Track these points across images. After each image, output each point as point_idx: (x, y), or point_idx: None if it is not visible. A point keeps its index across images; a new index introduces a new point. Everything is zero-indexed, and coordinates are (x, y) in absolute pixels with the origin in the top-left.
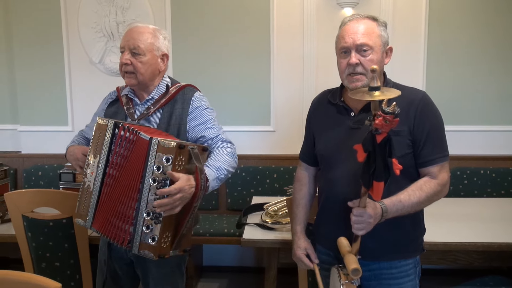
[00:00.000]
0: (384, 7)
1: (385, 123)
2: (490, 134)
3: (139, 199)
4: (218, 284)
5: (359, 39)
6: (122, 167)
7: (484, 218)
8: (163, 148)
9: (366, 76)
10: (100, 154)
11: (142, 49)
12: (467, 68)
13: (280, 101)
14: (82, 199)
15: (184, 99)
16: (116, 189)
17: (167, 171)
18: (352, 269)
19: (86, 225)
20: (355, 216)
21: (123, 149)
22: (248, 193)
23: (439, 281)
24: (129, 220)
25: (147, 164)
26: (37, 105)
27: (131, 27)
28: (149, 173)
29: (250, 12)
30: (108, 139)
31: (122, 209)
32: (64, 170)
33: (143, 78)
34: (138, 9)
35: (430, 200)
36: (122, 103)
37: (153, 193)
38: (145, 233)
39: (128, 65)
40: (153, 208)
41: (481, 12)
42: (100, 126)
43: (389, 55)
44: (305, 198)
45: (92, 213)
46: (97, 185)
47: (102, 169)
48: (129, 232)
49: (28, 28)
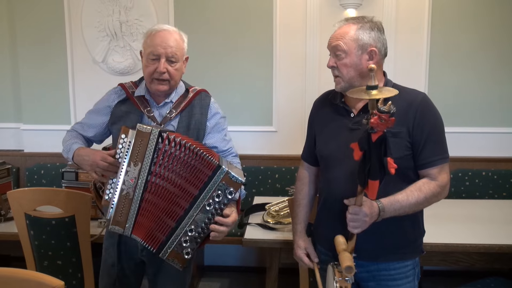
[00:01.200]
0: (387, 8)
1: (380, 122)
2: (492, 136)
3: (186, 214)
4: (220, 284)
5: (333, 43)
6: (169, 179)
7: (485, 220)
8: (229, 180)
9: (342, 79)
10: (141, 162)
11: (178, 56)
12: (470, 70)
13: (282, 101)
14: (119, 207)
15: (202, 105)
16: (161, 199)
17: (224, 202)
18: (346, 267)
19: (125, 233)
20: (351, 214)
21: (171, 161)
22: (249, 193)
23: (440, 282)
24: (168, 229)
25: (207, 188)
26: (40, 104)
27: (161, 32)
28: (206, 196)
29: (253, 12)
30: (152, 148)
31: (165, 219)
32: (67, 169)
33: (175, 83)
34: (142, 8)
35: (429, 202)
36: (137, 104)
37: (205, 216)
38: (183, 246)
39: (165, 73)
40: (202, 227)
41: (484, 14)
42: (142, 133)
43: (375, 57)
44: (306, 198)
45: (132, 221)
46: (139, 193)
47: (145, 178)
48: (162, 239)
49: (31, 27)
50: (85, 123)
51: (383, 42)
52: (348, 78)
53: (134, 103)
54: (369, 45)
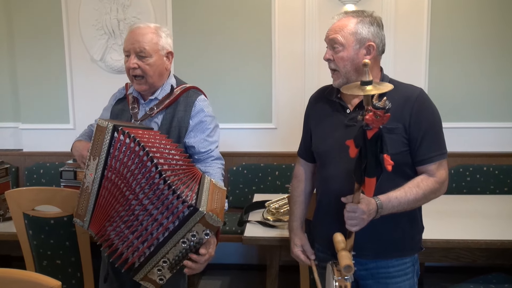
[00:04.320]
0: (386, 3)
1: (375, 119)
2: (493, 131)
3: (165, 242)
4: (220, 282)
5: (330, 36)
6: (122, 175)
7: (487, 216)
8: (207, 223)
9: (340, 74)
10: (98, 156)
11: (148, 51)
12: (470, 64)
13: (282, 98)
14: (81, 200)
15: (187, 102)
16: (113, 194)
17: (202, 241)
18: (345, 266)
19: (84, 226)
20: (348, 212)
21: (122, 155)
22: (249, 190)
23: (441, 278)
24: (123, 236)
25: (181, 229)
26: (38, 103)
27: (132, 29)
28: (180, 235)
29: (252, 9)
30: (107, 142)
31: (119, 222)
32: (65, 168)
33: (153, 80)
34: (139, 6)
35: (427, 198)
36: (129, 102)
37: (179, 249)
38: (157, 273)
39: (136, 69)
40: (177, 259)
41: (484, 8)
42: (100, 128)
43: (372, 52)
44: (302, 195)
45: (89, 215)
46: (95, 188)
47: (100, 172)
48: (116, 243)
49: (29, 26)
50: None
51: (382, 38)
52: (345, 72)
53: (127, 101)
54: (367, 39)
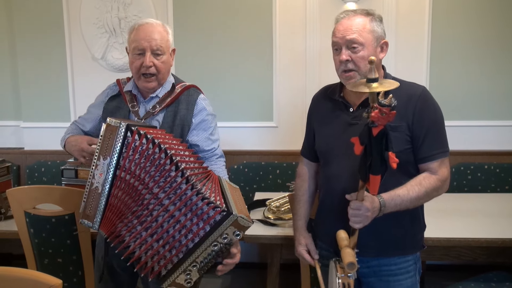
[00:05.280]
0: (387, 2)
1: (381, 116)
2: (494, 129)
3: (195, 249)
4: (222, 280)
5: (349, 36)
6: (139, 177)
7: (488, 214)
8: (238, 225)
9: (358, 73)
10: (110, 156)
11: (163, 49)
12: (471, 63)
13: (283, 96)
14: (89, 200)
15: (189, 100)
16: (129, 195)
17: (232, 242)
18: (348, 263)
19: (93, 227)
20: (352, 209)
21: (138, 156)
22: (250, 189)
23: (442, 277)
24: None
25: (213, 234)
26: (39, 102)
27: (143, 26)
28: (211, 240)
29: (253, 7)
30: (119, 141)
31: (134, 221)
32: (67, 166)
33: (163, 77)
34: (140, 4)
35: (430, 196)
36: (126, 99)
37: (209, 252)
38: (185, 277)
39: (151, 67)
40: (206, 261)
41: (485, 6)
42: (111, 127)
43: (384, 50)
44: (306, 194)
45: (100, 215)
46: (106, 188)
47: (112, 172)
48: (128, 242)
49: (30, 24)
50: (83, 117)
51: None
52: (365, 71)
53: (123, 98)
54: (382, 37)
